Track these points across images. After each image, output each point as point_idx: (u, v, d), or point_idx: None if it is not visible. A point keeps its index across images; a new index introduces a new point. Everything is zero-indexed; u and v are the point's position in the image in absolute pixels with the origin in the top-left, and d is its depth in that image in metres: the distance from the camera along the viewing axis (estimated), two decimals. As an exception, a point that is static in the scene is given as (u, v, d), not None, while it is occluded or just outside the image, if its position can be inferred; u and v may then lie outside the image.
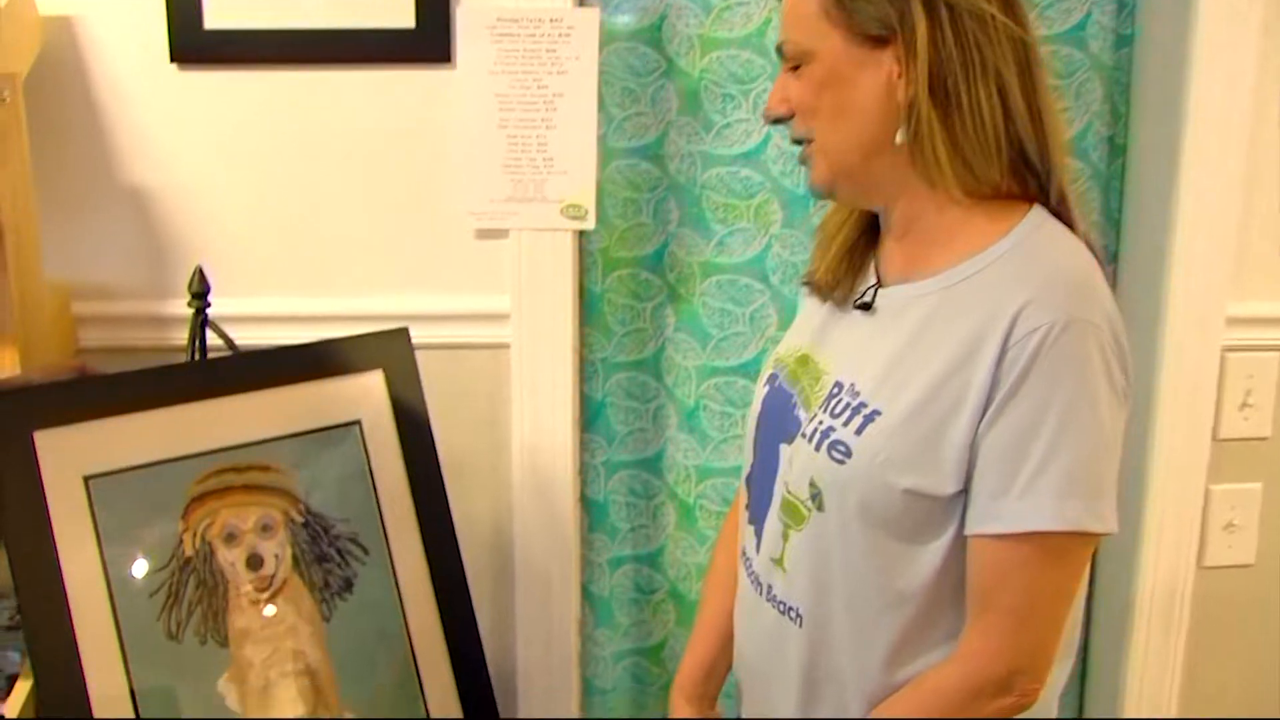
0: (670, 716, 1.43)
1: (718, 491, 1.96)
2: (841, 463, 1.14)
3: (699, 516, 1.98)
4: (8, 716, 1.55)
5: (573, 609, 1.90)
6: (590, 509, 1.96)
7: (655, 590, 2.03)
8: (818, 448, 1.17)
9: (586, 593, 2.00)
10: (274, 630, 1.40)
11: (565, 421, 1.80)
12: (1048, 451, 1.07)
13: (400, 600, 1.47)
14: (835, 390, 1.18)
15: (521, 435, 1.80)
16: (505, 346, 1.76)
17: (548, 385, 1.78)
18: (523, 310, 1.75)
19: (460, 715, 1.49)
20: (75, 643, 1.28)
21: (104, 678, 1.29)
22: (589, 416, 1.93)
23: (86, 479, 1.32)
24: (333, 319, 1.68)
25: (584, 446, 1.92)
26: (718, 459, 1.95)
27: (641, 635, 2.07)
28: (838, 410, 1.17)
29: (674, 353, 1.91)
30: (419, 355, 1.53)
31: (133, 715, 1.30)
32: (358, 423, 1.48)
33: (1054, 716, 1.25)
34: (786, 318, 1.88)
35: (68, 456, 1.31)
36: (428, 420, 1.51)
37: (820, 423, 1.18)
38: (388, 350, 1.51)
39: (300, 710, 1.40)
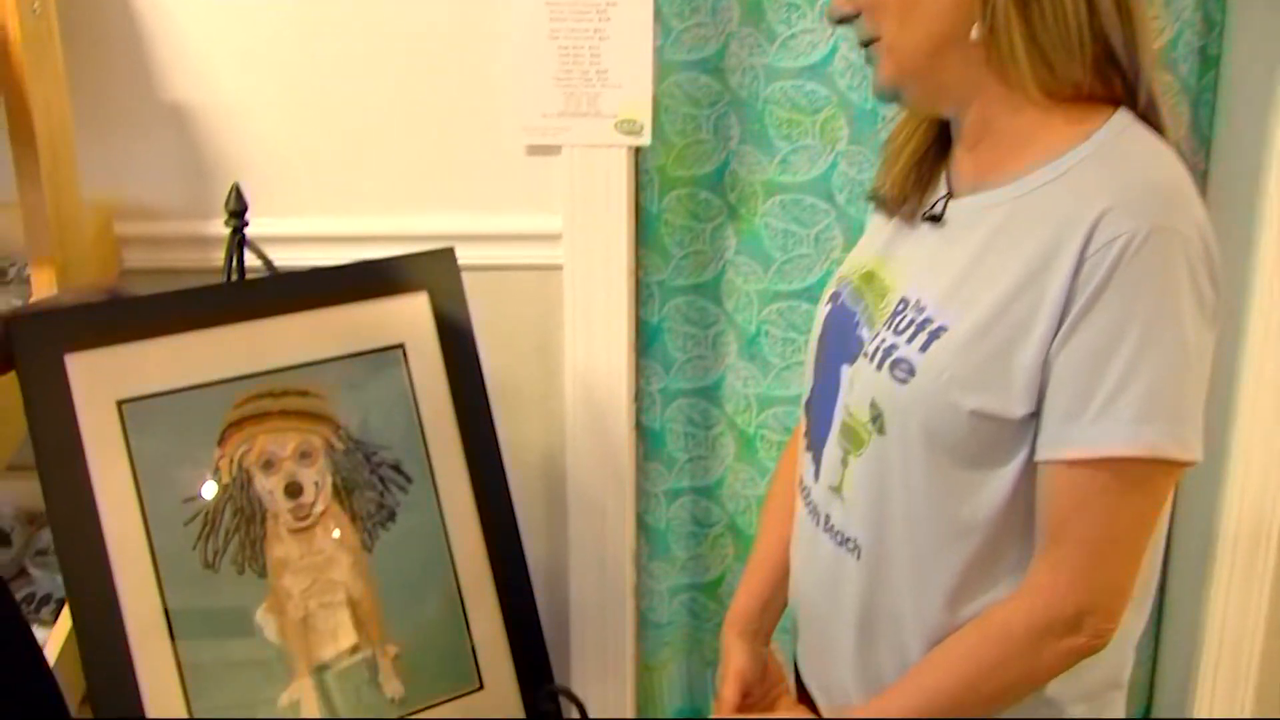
0: (723, 652, 1.36)
1: (779, 421, 1.89)
2: (904, 382, 1.06)
3: (759, 447, 1.91)
4: (53, 645, 1.53)
5: (628, 541, 1.84)
6: (646, 438, 1.90)
7: (713, 524, 1.97)
8: (880, 366, 1.09)
9: (642, 524, 1.94)
10: (313, 560, 1.35)
11: (620, 347, 1.73)
12: (1126, 371, 0.98)
13: (445, 530, 1.42)
14: (900, 307, 1.11)
15: (574, 361, 1.73)
16: (557, 268, 1.69)
17: (601, 309, 1.71)
18: (575, 230, 1.68)
19: (507, 648, 1.44)
20: (110, 571, 1.24)
21: (140, 607, 1.25)
22: (644, 342, 1.86)
23: (120, 403, 1.27)
24: (375, 239, 1.61)
25: (639, 373, 1.86)
26: (779, 387, 1.87)
27: (698, 570, 2.01)
28: (902, 327, 1.09)
29: (734, 276, 1.83)
30: (466, 277, 1.46)
31: (169, 644, 1.27)
32: (401, 346, 1.42)
33: (1128, 667, 1.18)
34: (853, 239, 1.78)
35: (100, 380, 1.27)
36: (474, 344, 1.45)
37: (883, 341, 1.10)
38: (433, 271, 1.45)
39: (341, 642, 1.36)
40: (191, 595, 1.28)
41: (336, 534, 1.36)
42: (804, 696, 1.32)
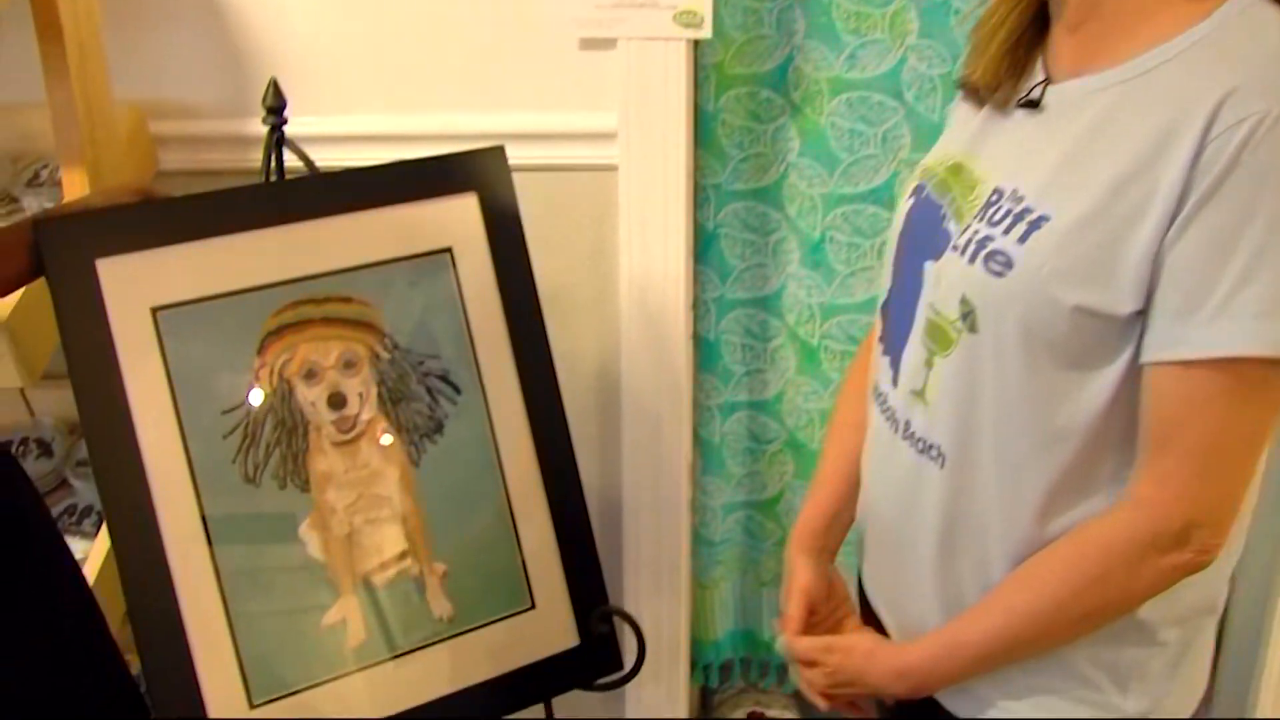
0: (786, 569, 1.30)
1: (844, 330, 1.80)
2: (1000, 275, 0.98)
3: (823, 359, 1.83)
4: (93, 560, 1.49)
5: (684, 455, 1.77)
6: (701, 350, 1.82)
7: (771, 440, 1.90)
8: (972, 259, 1.01)
9: (696, 439, 1.87)
10: (358, 475, 1.29)
11: (678, 252, 1.64)
12: (1249, 265, 0.89)
13: (495, 443, 1.35)
14: (994, 198, 1.02)
15: (629, 267, 1.65)
16: (611, 169, 1.61)
17: (658, 212, 1.62)
18: (631, 129, 1.59)
19: (559, 566, 1.38)
20: (147, 486, 1.19)
21: (178, 522, 1.20)
22: (699, 249, 1.77)
23: (154, 310, 1.21)
24: (421, 139, 1.53)
25: (693, 281, 1.77)
26: (844, 295, 1.78)
27: (754, 487, 1.94)
28: (997, 218, 1.00)
29: (797, 179, 1.74)
30: (516, 178, 1.38)
31: (209, 560, 1.21)
32: (449, 250, 1.34)
33: (1224, 593, 1.10)
34: (922, 138, 1.69)
35: (133, 286, 1.20)
36: (525, 248, 1.37)
37: (975, 232, 1.02)
38: (482, 171, 1.37)
39: (388, 560, 1.30)
40: (231, 511, 1.23)
41: (382, 447, 1.30)
42: (869, 617, 1.25)
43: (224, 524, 1.22)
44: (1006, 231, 0.99)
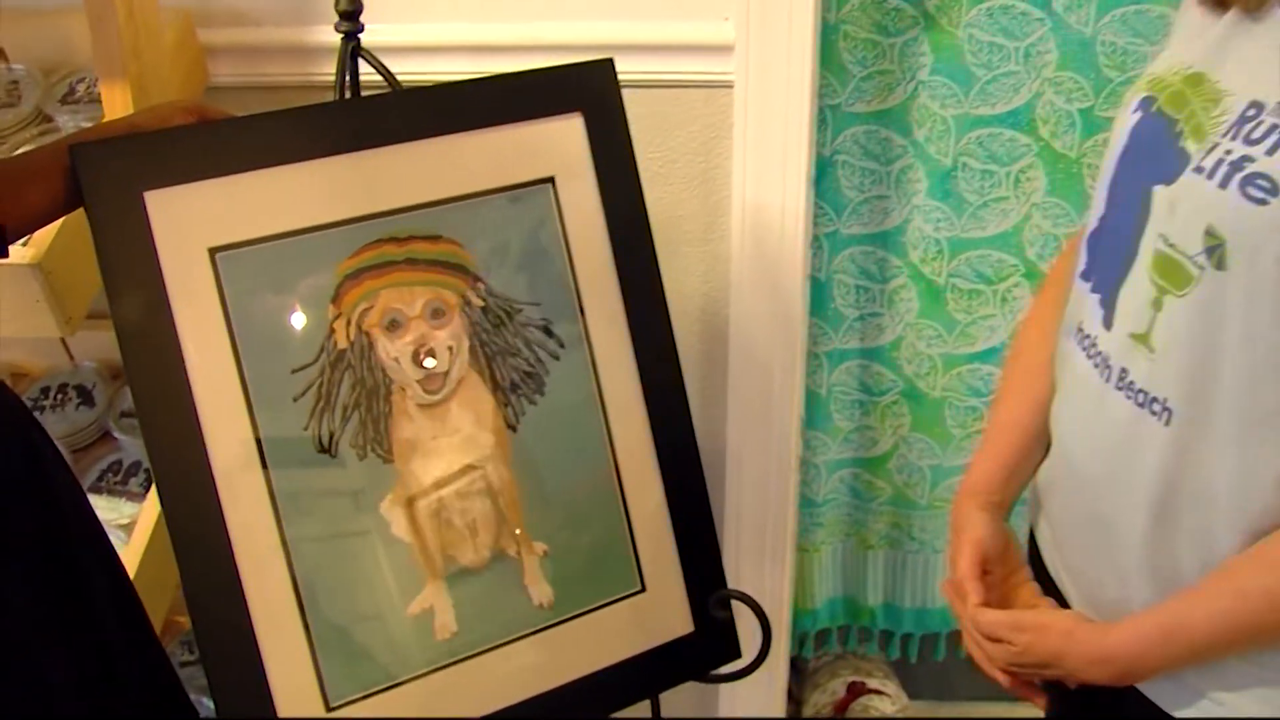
0: (955, 525, 1.12)
1: (973, 268, 1.61)
2: (1263, 202, 0.80)
3: (948, 300, 1.63)
4: (141, 528, 1.33)
5: (795, 408, 1.59)
6: (810, 291, 1.63)
7: (885, 390, 1.71)
8: (1224, 183, 0.82)
9: (802, 389, 1.69)
10: (448, 442, 1.11)
11: (798, 181, 1.45)
12: None
13: (602, 403, 1.17)
14: (1251, 112, 0.83)
15: (743, 196, 1.45)
16: (727, 85, 1.40)
17: (778, 135, 1.42)
18: (750, 41, 1.38)
19: (673, 543, 1.21)
20: (206, 457, 1.01)
21: (242, 499, 1.03)
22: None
23: (212, 251, 1.02)
24: (516, 50, 1.34)
25: (809, 214, 1.58)
26: (975, 228, 1.58)
27: (864, 443, 1.76)
28: (1256, 135, 0.81)
29: (928, 99, 1.53)
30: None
31: (279, 543, 1.04)
32: (550, 180, 1.15)
33: None
34: (1069, 54, 1.48)
35: (188, 223, 1.02)
36: (638, 177, 1.18)
37: (1228, 152, 0.83)
38: (589, 87, 1.17)
39: (481, 540, 1.13)
40: (303, 485, 1.06)
41: (475, 409, 1.12)
42: (1043, 585, 1.09)
43: (295, 500, 1.05)
44: (1271, 151, 0.80)
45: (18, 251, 1.09)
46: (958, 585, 1.07)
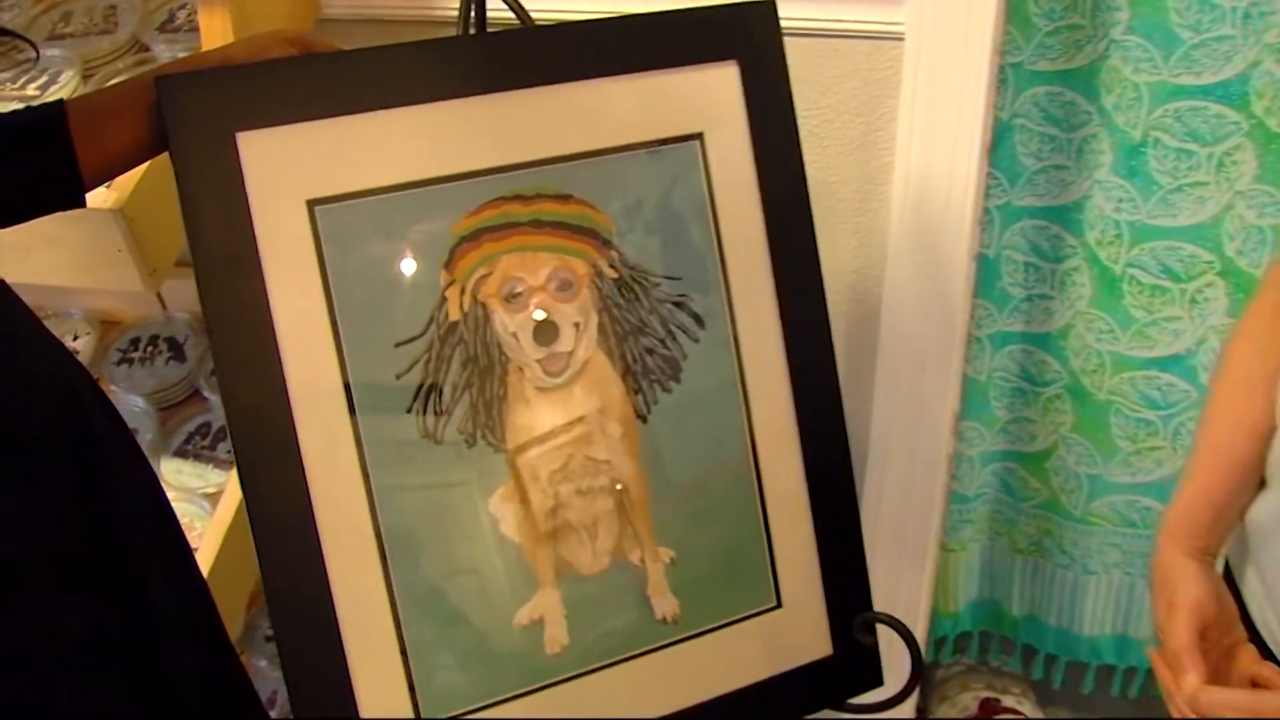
0: (1161, 573, 0.95)
1: (1158, 260, 1.42)
2: None
3: (1126, 291, 1.45)
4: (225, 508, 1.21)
5: (950, 397, 1.42)
6: (976, 266, 1.46)
7: (1049, 382, 1.54)
8: None
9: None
10: (569, 431, 0.98)
11: (970, 147, 1.28)
12: None
13: (745, 394, 1.02)
14: None
15: (907, 161, 1.29)
16: (896, 37, 1.23)
17: (951, 94, 1.25)
18: (928, -16, 1.21)
19: (815, 556, 1.06)
20: (296, 439, 0.89)
21: (335, 489, 0.90)
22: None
23: (311, 204, 0.89)
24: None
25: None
26: (1164, 215, 1.40)
27: (1021, 436, 1.59)
28: None
29: (1120, 63, 1.34)
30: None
31: (373, 536, 0.92)
32: (698, 137, 1.00)
33: None
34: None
35: (285, 170, 0.89)
36: (797, 136, 1.02)
37: None
38: (746, 33, 1.01)
39: (601, 543, 0.99)
40: (405, 475, 0.93)
41: (602, 395, 0.98)
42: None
43: (394, 493, 0.92)
44: None
45: (98, 196, 0.98)
46: (1173, 657, 0.90)
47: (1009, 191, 1.42)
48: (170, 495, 1.33)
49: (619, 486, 0.99)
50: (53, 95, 1.16)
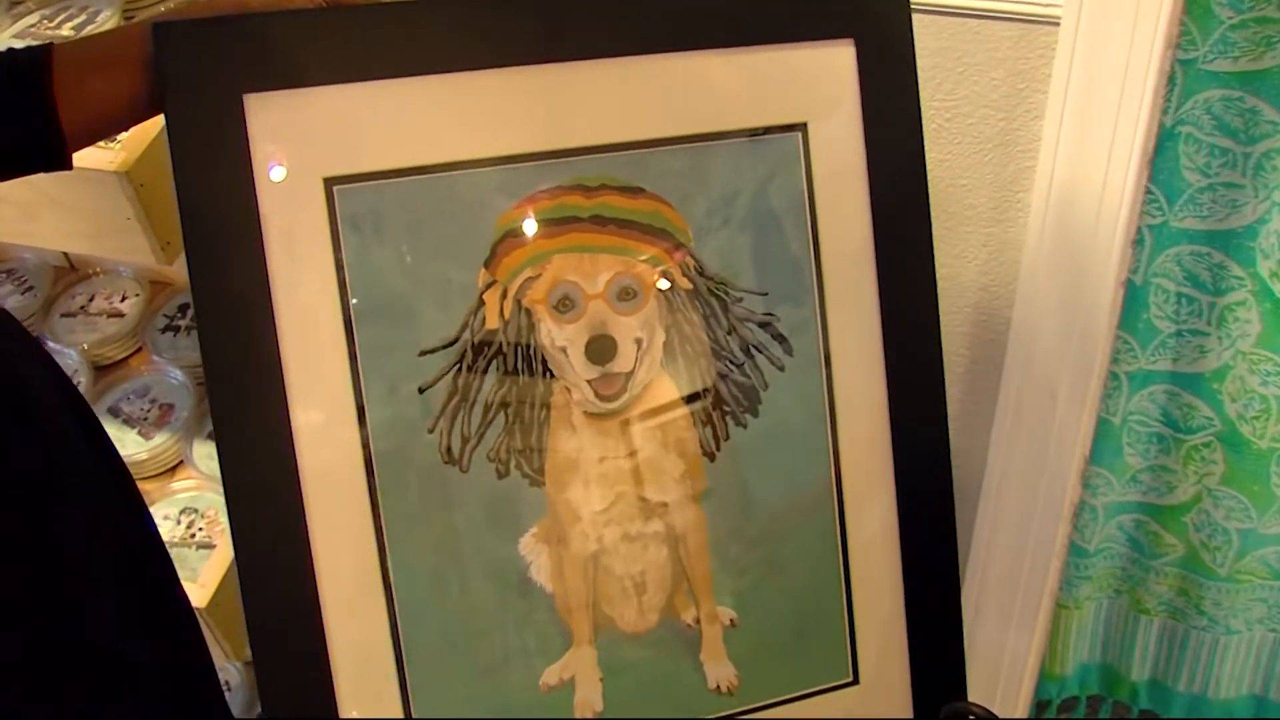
0: None
1: (1345, 297, 1.22)
2: None
3: (1302, 329, 1.25)
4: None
5: (1081, 438, 1.24)
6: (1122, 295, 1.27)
7: (1197, 428, 1.34)
8: None
9: (1091, 415, 1.33)
10: (621, 465, 0.83)
11: (1129, 151, 1.10)
12: None
13: (833, 434, 0.87)
14: None
15: (1052, 166, 1.11)
16: (1050, 22, 1.06)
17: (1111, 90, 1.07)
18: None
19: (902, 627, 0.90)
20: (292, 450, 0.75)
21: (335, 518, 0.77)
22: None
23: (329, 182, 0.75)
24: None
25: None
26: (1358, 248, 1.20)
27: (1157, 487, 1.40)
28: None
29: (1318, 64, 1.15)
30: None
31: (378, 573, 0.78)
32: (801, 128, 0.84)
33: None
34: None
35: (300, 141, 0.75)
36: (920, 133, 0.86)
37: None
38: (867, 8, 0.85)
39: (650, 599, 0.85)
40: (420, 506, 0.79)
41: (663, 426, 0.83)
42: None
43: (407, 525, 0.79)
44: None
45: (101, 156, 0.85)
46: None
47: (1166, 211, 1.23)
48: (197, 485, 1.22)
49: (677, 534, 0.85)
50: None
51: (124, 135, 0.87)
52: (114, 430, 1.31)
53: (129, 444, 1.29)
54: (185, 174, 0.72)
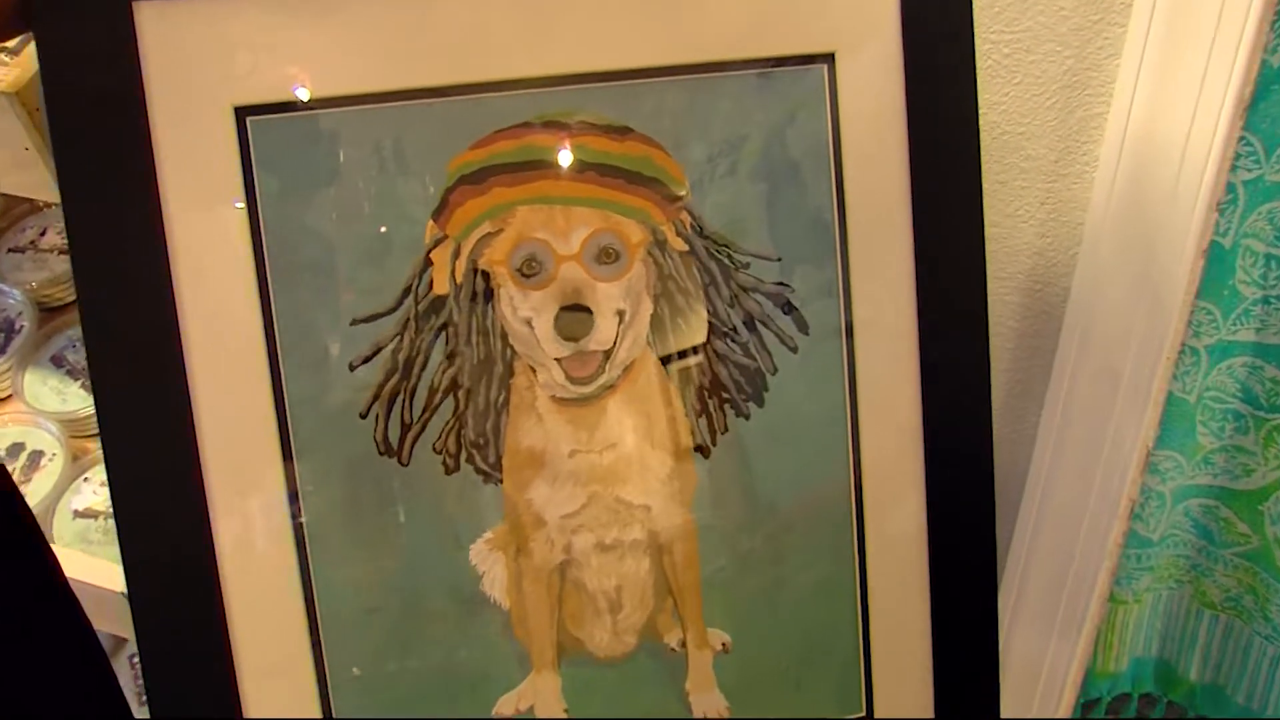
0: None
1: None
2: None
3: None
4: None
5: (1146, 422, 1.09)
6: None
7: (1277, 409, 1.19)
8: None
9: (1159, 393, 1.18)
10: (595, 461, 0.69)
11: (1223, 95, 0.93)
12: None
13: (854, 424, 0.73)
14: None
15: (1127, 111, 0.96)
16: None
17: (1203, 26, 0.91)
18: None
19: (927, 655, 0.77)
20: (191, 429, 0.63)
21: (246, 521, 0.64)
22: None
23: (241, 113, 0.62)
24: None
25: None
26: None
27: (1232, 470, 1.24)
28: None
29: None
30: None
31: (299, 582, 0.66)
32: (829, 59, 0.69)
33: None
34: None
35: (204, 62, 0.61)
36: (973, 66, 0.71)
37: None
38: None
39: (627, 618, 0.72)
40: (349, 505, 0.66)
41: (647, 415, 0.70)
42: None
43: (332, 530, 0.66)
44: None
45: (-13, 72, 0.72)
46: None
47: (1263, 164, 1.06)
48: (26, 416, 1.11)
49: (660, 543, 0.71)
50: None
51: (11, 44, 0.73)
52: (56, 383, 1.19)
53: (72, 399, 1.17)
54: (57, 101, 0.59)
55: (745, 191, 0.69)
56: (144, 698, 0.70)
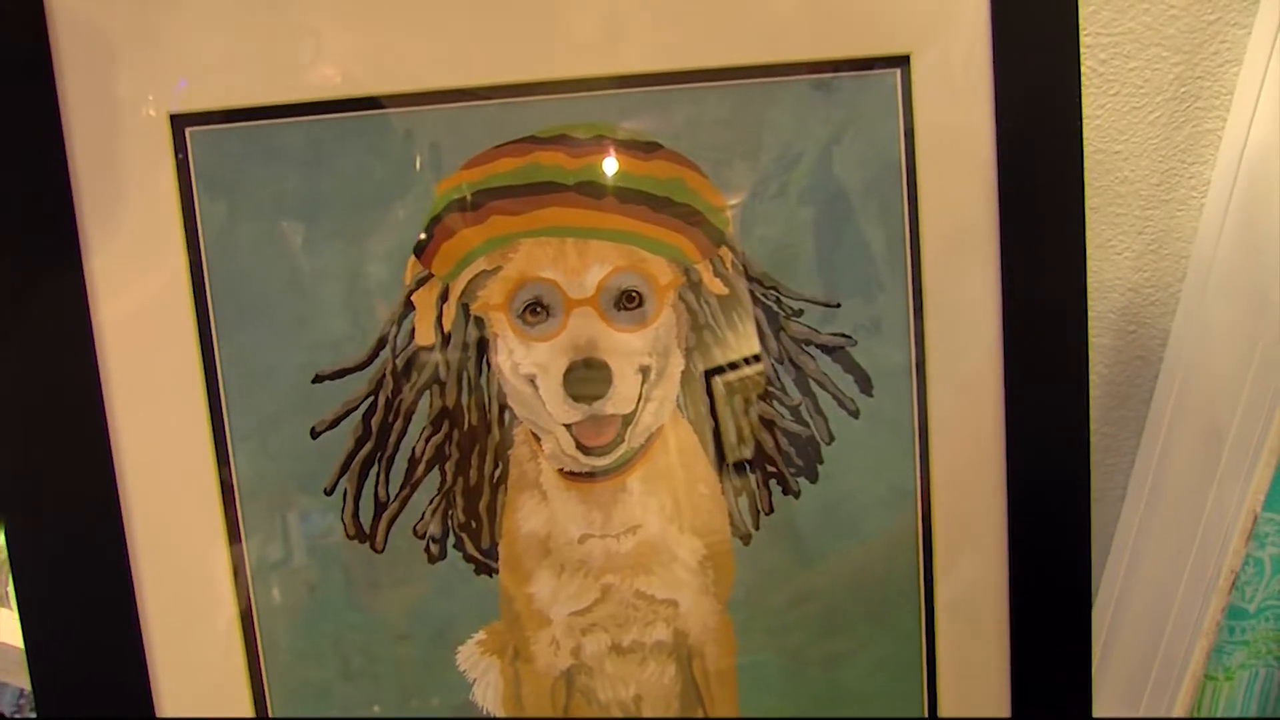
0: None
1: None
2: None
3: None
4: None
5: (1258, 480, 0.96)
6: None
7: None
8: None
9: (1263, 446, 1.05)
10: (614, 547, 0.57)
11: (1358, 120, 0.81)
12: None
13: (926, 495, 0.60)
14: None
15: (1245, 129, 0.83)
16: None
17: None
18: None
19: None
20: (117, 510, 0.51)
21: (185, 619, 0.53)
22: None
23: (179, 121, 0.50)
24: None
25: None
26: None
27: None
28: None
29: None
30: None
31: (246, 684, 0.54)
32: (902, 62, 0.57)
33: None
34: None
35: (135, 61, 0.50)
36: (1078, 76, 0.58)
37: None
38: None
39: (649, 736, 0.60)
40: (312, 603, 0.54)
41: (675, 494, 0.57)
42: None
43: (291, 626, 0.54)
44: None
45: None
46: None
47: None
48: None
49: (690, 645, 0.59)
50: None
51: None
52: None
53: None
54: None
55: (797, 221, 0.57)
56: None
